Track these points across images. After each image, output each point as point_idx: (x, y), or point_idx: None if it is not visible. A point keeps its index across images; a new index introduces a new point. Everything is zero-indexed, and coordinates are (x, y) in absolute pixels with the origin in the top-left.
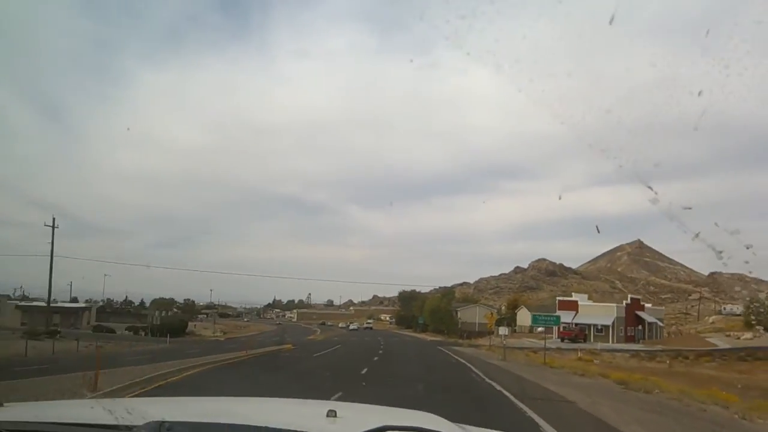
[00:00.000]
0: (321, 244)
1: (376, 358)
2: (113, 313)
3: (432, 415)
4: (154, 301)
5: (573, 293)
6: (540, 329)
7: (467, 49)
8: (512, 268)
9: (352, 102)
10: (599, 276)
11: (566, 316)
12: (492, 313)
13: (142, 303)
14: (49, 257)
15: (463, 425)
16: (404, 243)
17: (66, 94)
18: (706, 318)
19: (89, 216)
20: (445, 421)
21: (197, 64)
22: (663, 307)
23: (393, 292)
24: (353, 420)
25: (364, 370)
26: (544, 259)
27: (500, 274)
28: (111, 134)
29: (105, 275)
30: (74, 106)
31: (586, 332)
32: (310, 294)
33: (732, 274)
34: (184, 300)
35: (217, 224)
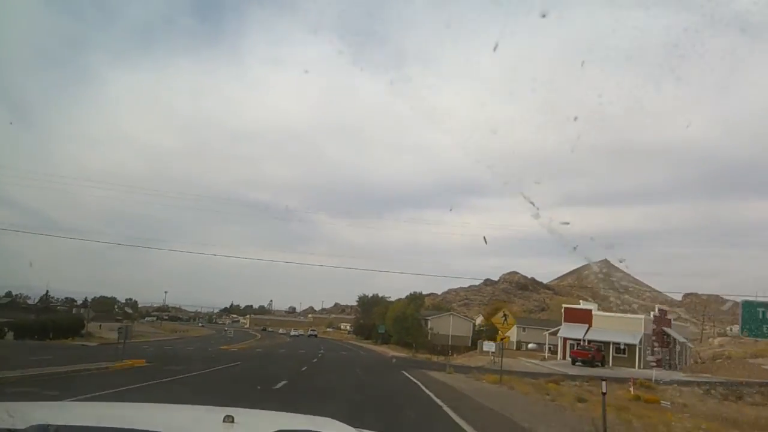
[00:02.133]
0: (286, 250)
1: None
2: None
3: (330, 419)
4: (94, 300)
5: (570, 304)
6: (531, 345)
7: None
8: (482, 281)
9: (325, 112)
10: (571, 292)
11: (574, 331)
12: (505, 317)
13: (85, 301)
14: None
15: (363, 429)
16: (371, 253)
17: (33, 92)
18: (710, 340)
19: (54, 214)
20: (344, 425)
21: (170, 66)
22: (687, 324)
23: (354, 299)
24: (250, 425)
25: None
26: (516, 272)
27: (469, 286)
28: (78, 133)
29: (30, 264)
30: (41, 104)
31: (604, 353)
32: (271, 300)
33: (708, 295)
34: (126, 300)
35: (181, 227)
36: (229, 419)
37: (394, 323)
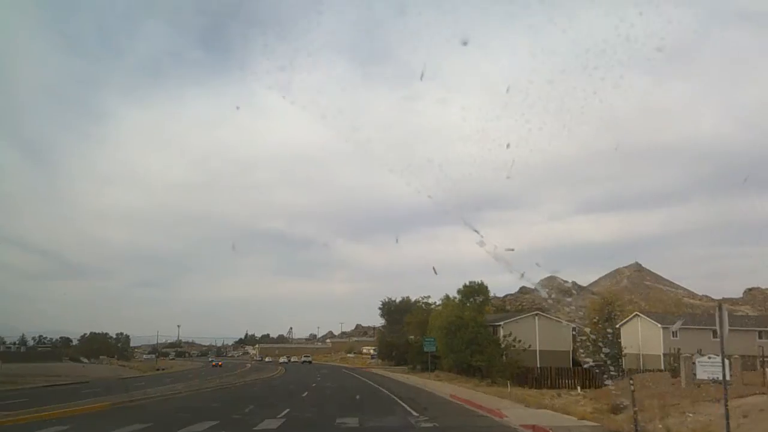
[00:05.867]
0: (305, 277)
1: None
2: None
3: None
4: (83, 337)
5: None
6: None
7: None
8: (518, 289)
9: (335, 134)
10: (621, 296)
11: None
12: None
13: (83, 338)
14: None
15: None
16: (390, 274)
17: (47, 132)
18: None
19: (70, 255)
20: None
21: (179, 99)
22: None
23: (379, 321)
24: None
25: None
26: (555, 277)
27: (505, 296)
28: (92, 172)
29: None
30: (55, 144)
31: None
32: (291, 328)
33: None
34: (117, 334)
35: (198, 260)
36: None
37: (445, 337)
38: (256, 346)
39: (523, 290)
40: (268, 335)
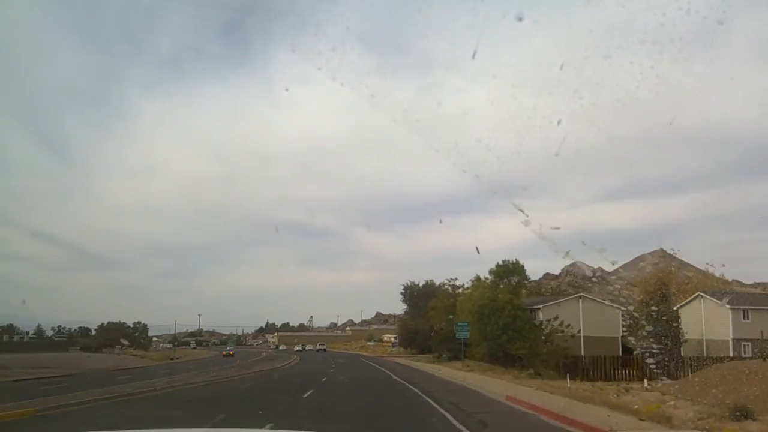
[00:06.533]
0: (325, 267)
1: None
2: None
3: None
4: (101, 327)
5: None
6: None
7: None
8: (541, 275)
9: (354, 124)
10: (648, 281)
11: None
12: None
13: (100, 328)
14: None
15: None
16: (410, 264)
17: (67, 127)
18: None
19: (92, 247)
20: None
21: (199, 93)
22: None
23: (399, 306)
24: None
25: None
26: (576, 264)
27: (529, 281)
28: (113, 165)
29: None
30: (76, 138)
31: None
32: (311, 317)
33: None
34: (134, 324)
35: (219, 251)
36: None
37: (477, 322)
38: (276, 334)
39: (548, 276)
40: (288, 324)
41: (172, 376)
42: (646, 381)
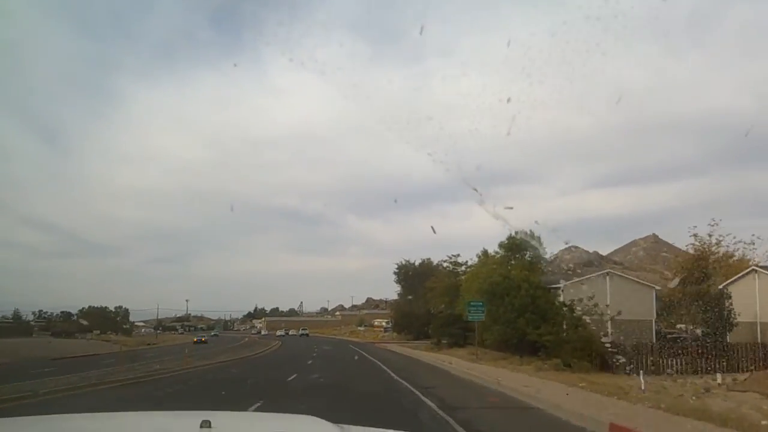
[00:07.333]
0: (316, 253)
1: None
2: None
3: (312, 417)
4: (81, 311)
5: None
6: None
7: None
8: None
9: (347, 111)
10: (643, 265)
11: None
12: None
13: (81, 312)
14: None
15: (343, 425)
16: (402, 250)
17: (61, 114)
18: None
19: (84, 233)
20: (325, 422)
21: (191, 79)
22: None
23: (391, 292)
24: (227, 429)
25: None
26: (577, 247)
27: (547, 257)
28: (106, 151)
29: None
30: (69, 125)
31: None
32: (302, 302)
33: None
34: (115, 308)
35: (210, 237)
36: (206, 424)
37: (488, 303)
38: (263, 319)
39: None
40: (277, 309)
41: (103, 369)
42: (719, 375)
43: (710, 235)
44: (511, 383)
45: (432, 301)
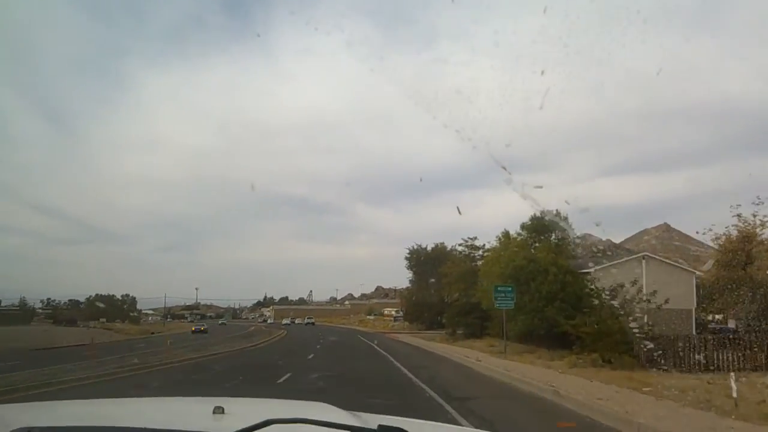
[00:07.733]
0: (326, 242)
1: None
2: None
3: (323, 404)
4: (87, 299)
5: None
6: None
7: None
8: None
9: (358, 99)
10: (656, 253)
11: None
12: None
13: (88, 300)
14: None
15: (357, 413)
16: (413, 238)
17: (70, 100)
18: None
19: (94, 221)
20: (337, 408)
21: (201, 65)
22: None
23: (401, 281)
24: (240, 415)
25: None
26: (590, 235)
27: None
28: (115, 138)
29: None
30: (78, 111)
31: None
32: (311, 291)
33: None
34: (122, 296)
35: (221, 225)
36: (219, 410)
37: (511, 285)
38: (272, 308)
39: None
40: (287, 298)
41: (81, 362)
42: None
43: (754, 215)
44: (572, 391)
45: (446, 288)
